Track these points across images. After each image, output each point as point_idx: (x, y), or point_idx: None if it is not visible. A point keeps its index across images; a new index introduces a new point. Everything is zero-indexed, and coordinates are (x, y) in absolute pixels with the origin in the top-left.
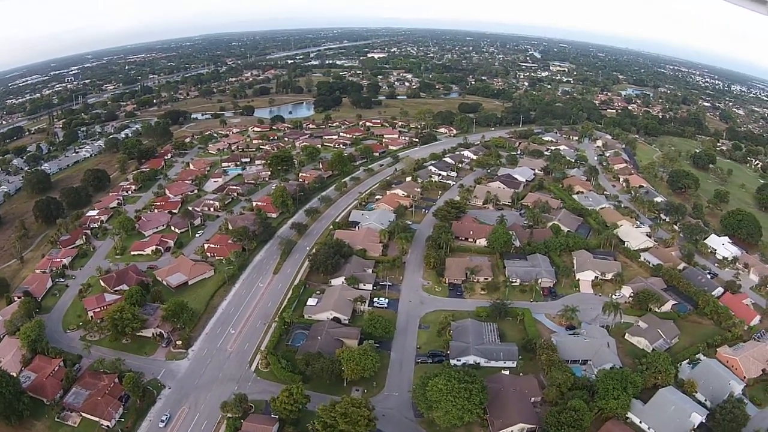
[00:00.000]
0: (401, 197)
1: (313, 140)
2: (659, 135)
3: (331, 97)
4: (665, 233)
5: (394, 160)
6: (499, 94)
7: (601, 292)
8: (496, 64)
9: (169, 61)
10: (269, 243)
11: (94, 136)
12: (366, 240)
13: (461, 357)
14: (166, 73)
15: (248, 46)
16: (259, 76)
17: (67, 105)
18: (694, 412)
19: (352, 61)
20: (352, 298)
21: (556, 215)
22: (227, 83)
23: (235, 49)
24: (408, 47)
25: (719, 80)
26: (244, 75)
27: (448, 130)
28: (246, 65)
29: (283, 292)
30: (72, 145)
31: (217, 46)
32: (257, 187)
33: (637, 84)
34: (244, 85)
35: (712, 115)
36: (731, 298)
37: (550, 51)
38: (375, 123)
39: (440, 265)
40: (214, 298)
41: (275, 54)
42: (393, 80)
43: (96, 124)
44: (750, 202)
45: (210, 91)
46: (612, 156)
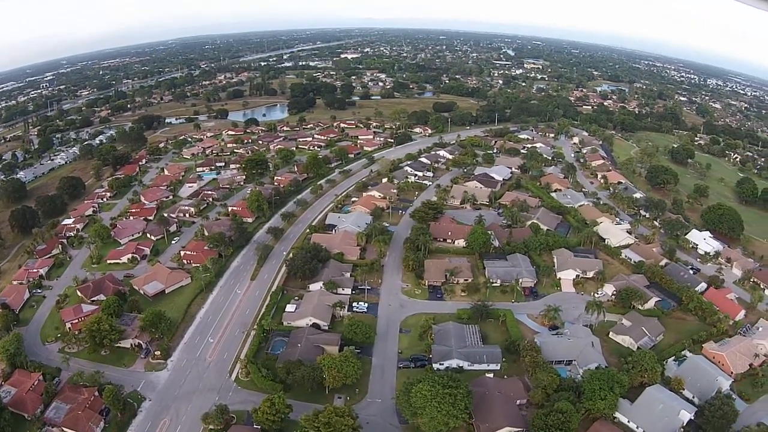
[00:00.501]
0: (377, 199)
1: (287, 143)
2: (636, 130)
3: (305, 99)
4: (646, 229)
5: (369, 162)
6: (473, 92)
7: (583, 291)
8: (470, 63)
9: (143, 65)
10: (246, 248)
11: (69, 142)
12: (343, 243)
13: (444, 361)
14: (140, 77)
15: (222, 49)
16: (232, 79)
17: (42, 112)
18: (683, 410)
19: (325, 62)
20: (331, 303)
21: (535, 214)
22: (201, 87)
23: (209, 52)
24: (381, 47)
25: (695, 74)
26: (218, 78)
27: (423, 129)
28: (219, 68)
29: (260, 298)
30: (47, 152)
31: (191, 49)
32: (232, 191)
33: (613, 80)
34: (217, 88)
35: (689, 109)
36: (715, 293)
37: (523, 48)
38: (349, 124)
39: (419, 268)
40: (192, 307)
41: (249, 56)
42: (367, 80)
43: (71, 130)
44: (730, 196)
45: (184, 95)
46: (589, 153)
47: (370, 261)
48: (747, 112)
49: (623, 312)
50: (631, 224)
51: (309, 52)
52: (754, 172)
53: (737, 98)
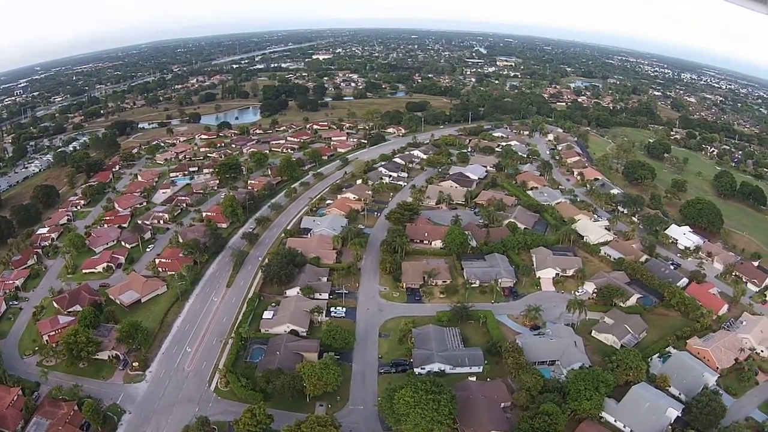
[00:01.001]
0: (352, 201)
1: (260, 146)
2: (611, 126)
3: (278, 101)
4: (624, 226)
5: (343, 163)
6: (446, 91)
7: (563, 290)
8: (442, 61)
9: (116, 70)
10: (221, 254)
11: (43, 150)
12: (319, 247)
13: (425, 365)
14: (113, 82)
15: (194, 53)
16: (204, 82)
17: (15, 119)
18: (670, 407)
19: (297, 63)
20: (309, 308)
21: (512, 213)
22: (173, 91)
23: (181, 56)
24: (353, 47)
25: (669, 69)
26: (190, 82)
27: (397, 129)
28: (192, 72)
29: (237, 305)
30: (21, 160)
31: (163, 53)
32: (206, 196)
33: (586, 76)
34: (189, 92)
35: (664, 104)
36: (697, 288)
37: (495, 46)
38: (322, 126)
39: (396, 270)
40: (168, 316)
41: (221, 59)
42: (339, 81)
43: (45, 137)
44: (708, 190)
45: (156, 100)
46: (564, 149)
47: (347, 264)
48: (722, 105)
49: (605, 310)
50: (609, 221)
51: (281, 53)
52: (732, 165)
53: (712, 92)
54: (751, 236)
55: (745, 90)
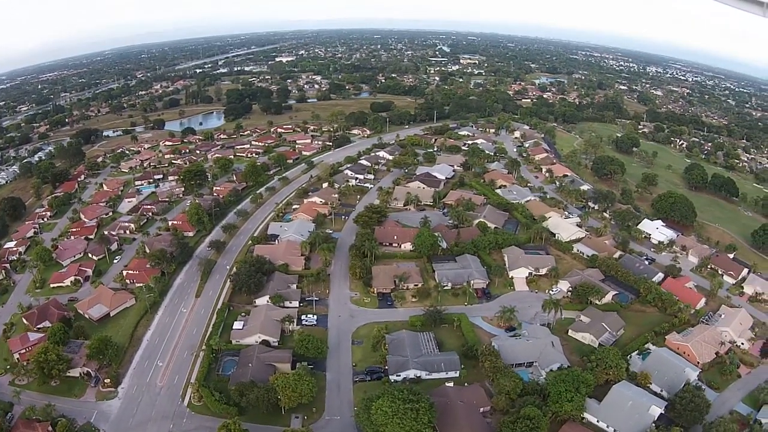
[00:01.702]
0: (319, 205)
1: (225, 151)
2: (578, 122)
3: (241, 105)
4: (596, 222)
5: (308, 167)
6: (410, 90)
7: (537, 289)
8: (406, 61)
9: (80, 77)
10: (188, 264)
11: (9, 161)
12: (287, 254)
13: (401, 372)
14: (77, 90)
15: (157, 58)
16: (168, 87)
17: None
18: (653, 405)
19: (260, 66)
20: (280, 317)
21: (481, 212)
22: (137, 97)
23: (145, 62)
24: (316, 49)
25: (634, 63)
26: (154, 87)
27: (362, 131)
28: (155, 77)
29: (207, 316)
30: None
31: (127, 59)
32: (172, 204)
33: (551, 72)
34: (153, 98)
35: (630, 97)
36: (673, 282)
37: (459, 44)
38: (287, 129)
39: (367, 275)
40: (138, 329)
41: (184, 64)
42: (302, 83)
43: (10, 148)
44: (679, 183)
45: (120, 107)
46: (532, 146)
47: (316, 271)
48: (690, 97)
49: (580, 308)
50: (580, 217)
51: (244, 57)
52: (702, 158)
53: (679, 84)
54: (724, 228)
55: (712, 82)
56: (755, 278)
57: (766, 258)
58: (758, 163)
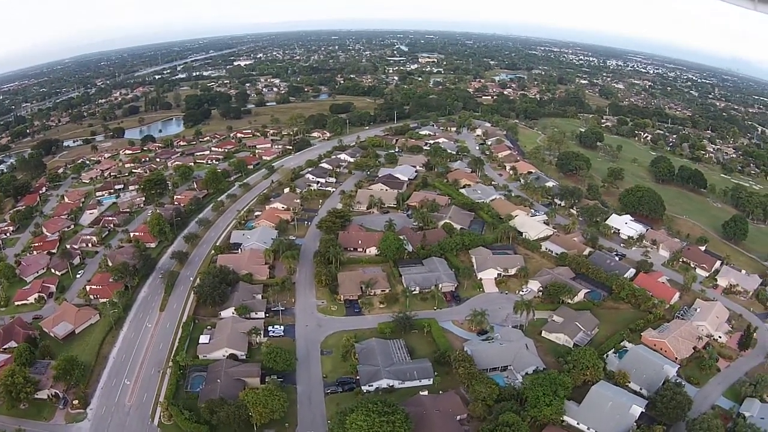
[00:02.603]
0: (281, 211)
1: (185, 158)
2: (540, 117)
3: (200, 111)
4: (563, 219)
5: (269, 172)
6: (369, 91)
7: (507, 290)
8: (364, 61)
9: (41, 87)
10: (151, 276)
11: None
12: (251, 263)
13: (373, 382)
14: (38, 100)
15: (117, 65)
16: (128, 95)
17: None
18: (634, 404)
19: (219, 70)
20: (246, 330)
21: (446, 213)
22: (97, 105)
23: (104, 69)
24: (274, 52)
25: (594, 57)
26: (114, 95)
27: (322, 133)
28: (115, 85)
29: (172, 330)
30: None
31: (87, 67)
32: (133, 215)
33: (510, 68)
34: (113, 105)
35: (591, 92)
36: (645, 278)
37: (417, 43)
38: (246, 134)
39: (332, 282)
40: (104, 346)
41: (143, 70)
42: (261, 87)
43: None
44: (645, 177)
45: (81, 116)
46: (494, 144)
47: (281, 279)
48: (652, 90)
49: (553, 308)
50: (547, 215)
51: (202, 61)
52: (667, 150)
53: (640, 77)
54: (694, 220)
55: (674, 73)
56: (729, 270)
57: (738, 249)
58: (725, 154)
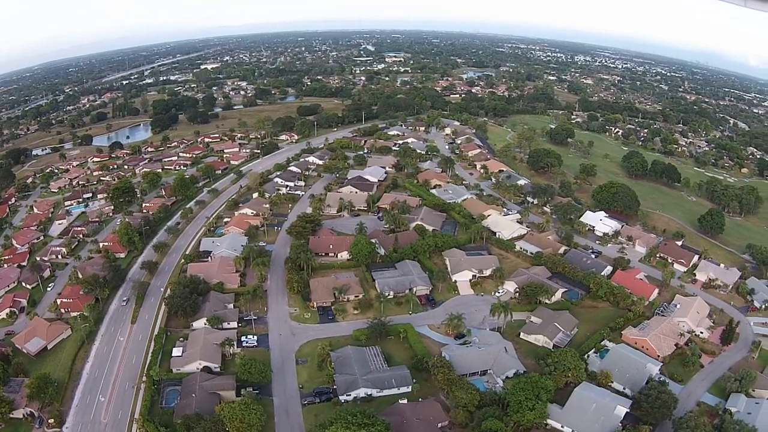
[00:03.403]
0: (251, 217)
1: (153, 165)
2: (509, 115)
3: (168, 116)
4: (537, 217)
5: (237, 176)
6: (337, 92)
7: (482, 292)
8: (331, 62)
9: (10, 95)
10: (122, 288)
11: None
12: (221, 271)
13: (350, 391)
14: (7, 108)
15: (85, 71)
16: (95, 101)
17: None
18: (618, 405)
19: (186, 74)
20: (219, 341)
21: (418, 214)
22: (65, 113)
23: (73, 75)
24: (241, 54)
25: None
26: (82, 102)
27: (290, 136)
28: (83, 91)
29: (145, 343)
30: None
31: (55, 74)
32: (102, 224)
33: (478, 66)
34: (81, 112)
35: (560, 88)
36: (623, 275)
37: (383, 43)
38: (214, 138)
39: (305, 289)
40: (77, 362)
41: (111, 76)
42: (228, 90)
43: None
44: (618, 172)
45: (49, 123)
46: (464, 143)
47: (252, 287)
48: (621, 84)
49: (530, 309)
50: (520, 213)
51: (170, 65)
52: (639, 145)
53: (609, 72)
54: (669, 215)
55: (642, 68)
56: (707, 264)
57: (716, 243)
58: (697, 147)
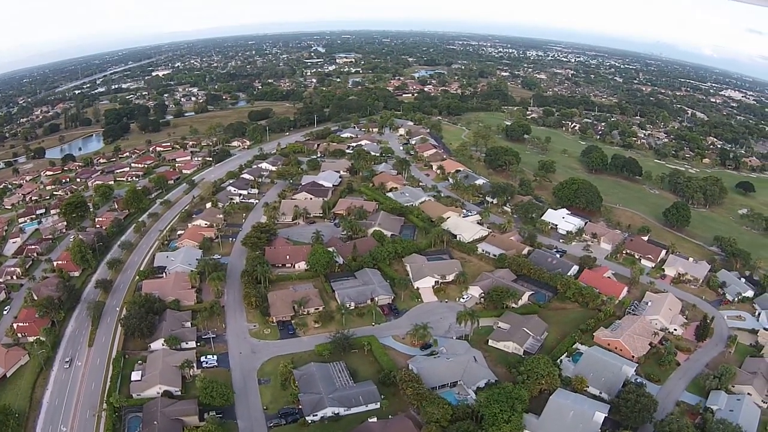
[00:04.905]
0: (204, 228)
1: (105, 177)
2: (463, 113)
3: (119, 125)
4: (498, 217)
5: (190, 186)
6: (288, 95)
7: (446, 298)
8: (281, 65)
9: None
10: (77, 308)
11: None
12: (176, 287)
13: (317, 411)
14: None
15: (38, 82)
16: (48, 112)
17: None
18: (597, 411)
19: (138, 82)
20: (178, 362)
21: (375, 219)
22: (19, 125)
23: (27, 86)
24: (192, 60)
25: (513, 48)
26: (35, 113)
27: (242, 142)
28: (36, 102)
29: (103, 368)
30: None
31: (9, 85)
32: (55, 242)
33: (429, 64)
34: (34, 124)
35: (514, 84)
36: (590, 274)
37: (334, 43)
38: (165, 147)
39: (263, 303)
40: (36, 390)
41: (64, 86)
42: (179, 97)
43: None
44: (577, 167)
45: (2, 137)
46: (419, 143)
47: (209, 304)
48: (575, 78)
49: (497, 314)
50: (480, 214)
51: (121, 73)
52: (597, 139)
53: (562, 66)
54: (633, 210)
55: (596, 61)
56: (676, 259)
57: (682, 236)
58: (656, 139)
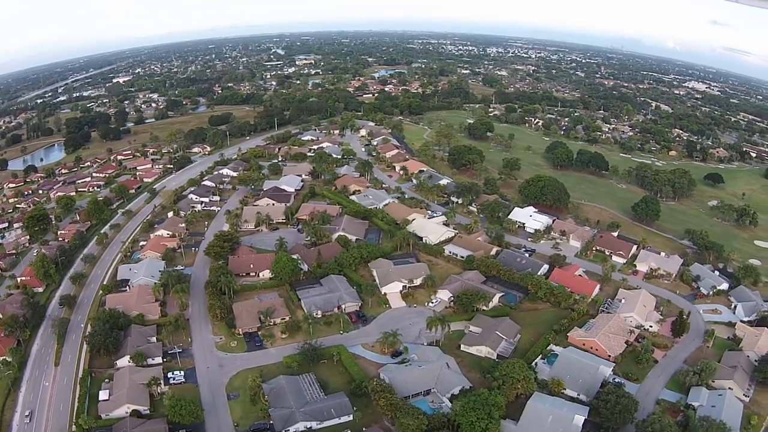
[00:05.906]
0: (167, 239)
1: (67, 188)
2: (425, 112)
3: (81, 134)
4: (464, 218)
5: (151, 195)
6: (248, 99)
7: (415, 303)
8: (241, 68)
9: None
10: (42, 326)
11: None
12: (140, 301)
13: (288, 426)
14: None
15: (1, 91)
16: (11, 122)
17: None
18: (576, 414)
19: (99, 89)
20: (145, 380)
21: (339, 224)
22: None
23: None
24: (152, 65)
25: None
26: None
27: (202, 148)
28: None
29: (71, 388)
30: None
31: None
32: (18, 257)
33: (389, 64)
34: None
35: (475, 81)
36: (561, 273)
37: (293, 45)
38: (126, 155)
39: (228, 314)
40: (5, 413)
41: (26, 95)
42: (140, 103)
43: None
44: (542, 164)
45: None
46: (381, 144)
47: (174, 317)
48: (536, 74)
49: (468, 318)
50: (446, 215)
51: (83, 81)
52: (561, 134)
53: (523, 62)
54: (601, 205)
55: (556, 56)
56: (647, 254)
57: (653, 230)
58: (621, 133)
